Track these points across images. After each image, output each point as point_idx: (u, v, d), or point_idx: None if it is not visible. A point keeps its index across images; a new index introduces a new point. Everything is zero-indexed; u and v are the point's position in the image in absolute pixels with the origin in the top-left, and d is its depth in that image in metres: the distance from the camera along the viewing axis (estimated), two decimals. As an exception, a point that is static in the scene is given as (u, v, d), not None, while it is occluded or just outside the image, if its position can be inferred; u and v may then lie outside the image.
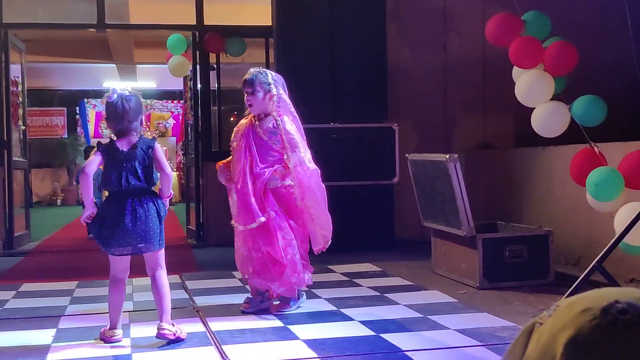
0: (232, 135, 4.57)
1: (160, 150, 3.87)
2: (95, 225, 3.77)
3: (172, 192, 3.95)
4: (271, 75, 4.47)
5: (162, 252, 3.90)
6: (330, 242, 4.57)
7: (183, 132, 14.90)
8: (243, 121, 4.56)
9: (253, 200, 4.33)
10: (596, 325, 0.70)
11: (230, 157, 4.55)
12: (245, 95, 4.44)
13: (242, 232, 4.43)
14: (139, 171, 3.75)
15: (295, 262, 4.42)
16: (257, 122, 4.46)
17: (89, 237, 9.20)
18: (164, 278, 3.89)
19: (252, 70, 4.50)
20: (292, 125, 4.47)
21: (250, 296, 4.57)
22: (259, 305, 4.50)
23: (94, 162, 3.76)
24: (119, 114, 3.77)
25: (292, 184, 4.43)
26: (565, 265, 5.66)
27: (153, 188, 3.86)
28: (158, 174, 3.86)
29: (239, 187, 4.39)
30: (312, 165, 4.45)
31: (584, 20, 6.81)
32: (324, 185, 4.54)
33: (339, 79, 7.35)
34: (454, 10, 8.09)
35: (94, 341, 3.87)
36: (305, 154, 4.45)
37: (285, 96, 4.52)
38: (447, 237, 5.60)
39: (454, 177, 5.13)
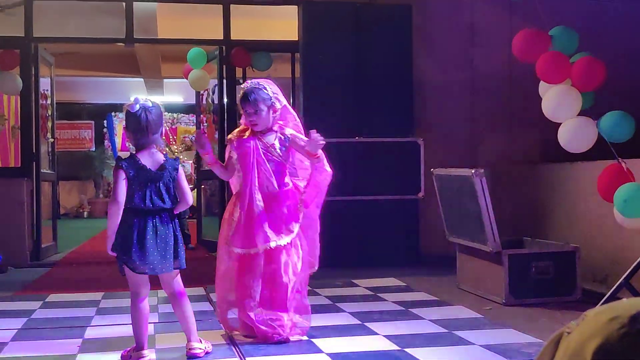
0: (228, 145, 4.26)
1: (183, 173, 3.75)
2: (119, 245, 3.63)
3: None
4: (270, 88, 4.12)
5: (178, 271, 3.75)
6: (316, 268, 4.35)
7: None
8: (244, 134, 4.19)
9: (266, 223, 4.04)
10: (624, 333, 0.70)
11: (226, 162, 4.29)
12: (246, 115, 4.12)
13: (240, 257, 4.09)
14: (163, 192, 3.63)
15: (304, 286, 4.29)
16: (261, 137, 4.14)
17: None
18: (184, 297, 3.77)
19: (247, 86, 4.15)
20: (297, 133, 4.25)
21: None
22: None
23: (123, 187, 3.59)
24: (142, 127, 3.62)
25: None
26: (592, 283, 5.60)
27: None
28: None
29: (246, 205, 4.08)
30: (329, 169, 4.22)
31: (611, 35, 6.77)
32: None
33: (364, 93, 7.37)
34: (481, 25, 8.07)
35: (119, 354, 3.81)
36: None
37: (285, 102, 4.25)
38: (472, 253, 5.57)
39: (479, 192, 5.10)
